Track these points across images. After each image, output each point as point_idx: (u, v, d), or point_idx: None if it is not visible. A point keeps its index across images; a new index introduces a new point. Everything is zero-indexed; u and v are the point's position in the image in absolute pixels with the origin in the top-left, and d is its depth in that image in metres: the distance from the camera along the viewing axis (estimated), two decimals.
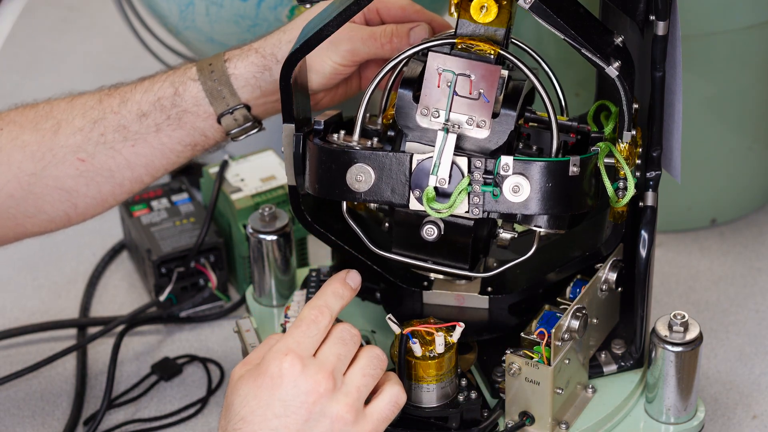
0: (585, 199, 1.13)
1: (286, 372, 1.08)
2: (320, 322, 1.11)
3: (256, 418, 1.07)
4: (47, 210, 1.26)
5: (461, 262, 1.18)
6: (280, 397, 1.07)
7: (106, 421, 1.36)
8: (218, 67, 1.25)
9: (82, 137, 1.25)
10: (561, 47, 1.13)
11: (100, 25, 2.08)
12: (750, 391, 1.36)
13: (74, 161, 1.25)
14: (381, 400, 1.11)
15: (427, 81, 1.12)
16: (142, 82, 1.27)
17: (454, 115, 1.12)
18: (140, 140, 1.25)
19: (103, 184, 1.26)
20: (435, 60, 1.12)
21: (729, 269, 1.53)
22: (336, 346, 1.11)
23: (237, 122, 1.25)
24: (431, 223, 1.14)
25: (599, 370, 1.26)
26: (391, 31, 1.24)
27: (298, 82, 1.17)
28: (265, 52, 1.25)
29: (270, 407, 1.07)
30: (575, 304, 1.18)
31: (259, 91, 1.25)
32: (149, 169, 1.27)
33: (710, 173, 1.54)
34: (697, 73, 1.45)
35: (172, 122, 1.25)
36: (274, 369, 1.08)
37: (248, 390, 1.08)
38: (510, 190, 1.11)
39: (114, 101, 1.26)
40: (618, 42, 1.14)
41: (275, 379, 1.08)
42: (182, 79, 1.26)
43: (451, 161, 1.11)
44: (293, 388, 1.07)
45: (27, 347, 1.47)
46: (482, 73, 1.11)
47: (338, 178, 1.13)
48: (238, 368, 1.12)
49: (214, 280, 1.48)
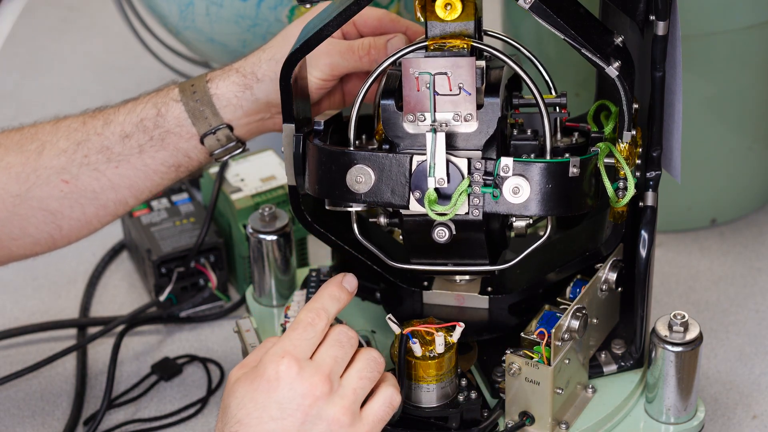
0: (585, 199, 1.13)
1: (283, 375, 1.08)
2: (317, 324, 1.11)
3: (252, 420, 1.07)
4: (32, 232, 1.27)
5: (481, 258, 1.18)
6: (277, 400, 1.07)
7: (106, 421, 1.36)
8: (200, 87, 1.26)
9: (66, 159, 1.25)
10: (561, 47, 1.13)
11: (100, 25, 2.08)
12: (750, 391, 1.36)
13: (58, 182, 1.25)
14: (376, 402, 1.11)
15: (406, 88, 1.12)
16: (126, 104, 1.28)
17: (439, 114, 1.12)
18: (123, 161, 1.25)
19: (87, 205, 1.26)
20: (410, 65, 1.11)
21: (729, 269, 1.53)
22: (333, 348, 1.11)
23: (220, 142, 1.25)
24: (441, 225, 1.14)
25: (599, 370, 1.26)
26: (368, 43, 1.25)
27: (298, 83, 1.18)
28: (245, 72, 1.26)
29: (266, 410, 1.07)
30: (575, 304, 1.18)
31: (241, 110, 1.26)
32: (133, 190, 1.27)
33: (710, 173, 1.54)
34: (697, 73, 1.45)
35: (155, 143, 1.25)
36: (270, 372, 1.08)
37: (245, 392, 1.08)
38: (510, 191, 1.11)
39: (97, 123, 1.26)
40: (618, 42, 1.14)
41: (272, 382, 1.08)
42: (165, 100, 1.26)
43: (445, 160, 1.11)
44: (290, 390, 1.07)
45: (27, 347, 1.47)
46: (457, 67, 1.11)
47: (338, 179, 1.13)
48: (235, 371, 1.12)
49: (214, 280, 1.48)
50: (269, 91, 1.25)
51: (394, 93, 1.14)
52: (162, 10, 1.66)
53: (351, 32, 1.28)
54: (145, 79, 1.93)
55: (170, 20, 1.66)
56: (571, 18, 1.10)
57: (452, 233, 1.14)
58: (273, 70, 1.24)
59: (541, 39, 1.55)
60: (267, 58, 1.25)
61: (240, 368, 1.12)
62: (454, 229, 1.14)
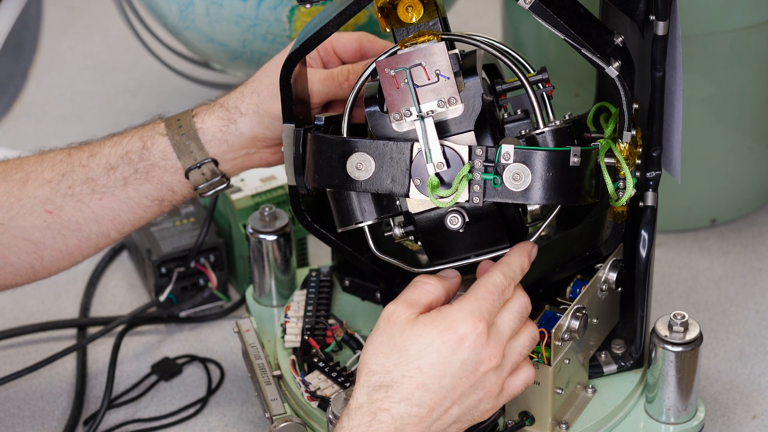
0: (585, 191, 1.13)
1: (475, 339, 1.09)
2: (506, 294, 1.13)
3: (433, 372, 1.08)
4: (13, 262, 1.26)
5: (502, 244, 1.17)
6: (462, 359, 1.08)
7: (106, 421, 1.36)
8: (186, 122, 1.26)
9: (50, 189, 1.25)
10: (561, 47, 1.14)
11: (100, 25, 2.08)
12: (750, 391, 1.36)
13: (42, 213, 1.25)
14: (518, 378, 1.13)
15: (385, 88, 1.12)
16: (112, 137, 1.28)
17: (424, 105, 1.11)
18: (108, 193, 1.25)
19: (69, 237, 1.26)
20: (384, 65, 1.12)
21: (729, 269, 1.53)
22: (514, 320, 1.12)
23: (204, 177, 1.25)
24: (453, 212, 1.13)
25: (599, 370, 1.26)
26: (347, 69, 1.26)
27: (298, 86, 1.18)
28: (228, 106, 1.26)
29: (449, 366, 1.08)
30: (575, 304, 1.18)
31: (226, 145, 1.26)
32: (116, 223, 1.27)
33: (710, 173, 1.54)
34: (697, 73, 1.45)
35: (139, 176, 1.25)
36: (465, 330, 1.09)
37: (431, 340, 1.09)
38: (510, 179, 1.11)
39: (83, 154, 1.26)
40: (618, 42, 1.14)
41: (462, 342, 1.09)
42: (151, 134, 1.26)
43: (439, 144, 1.11)
44: (475, 355, 1.09)
45: (27, 347, 1.47)
46: (430, 55, 1.11)
47: (338, 168, 1.13)
48: (402, 308, 1.11)
49: (214, 280, 1.48)
50: (253, 125, 1.25)
51: (376, 99, 1.14)
52: (162, 10, 1.66)
53: (331, 60, 1.29)
54: (145, 79, 1.93)
55: (170, 20, 1.66)
56: (571, 18, 1.10)
57: (465, 220, 1.13)
58: (255, 103, 1.24)
59: (541, 39, 1.55)
60: (249, 91, 1.25)
61: (408, 307, 1.11)
62: (467, 216, 1.13)
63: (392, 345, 1.09)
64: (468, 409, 1.10)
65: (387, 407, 1.07)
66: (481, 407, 1.11)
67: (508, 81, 1.18)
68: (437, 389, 1.08)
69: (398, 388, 1.08)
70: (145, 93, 1.90)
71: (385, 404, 1.07)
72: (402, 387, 1.08)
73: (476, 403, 1.10)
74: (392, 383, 1.08)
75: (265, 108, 1.24)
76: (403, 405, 1.07)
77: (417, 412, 1.07)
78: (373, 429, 1.06)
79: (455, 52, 1.14)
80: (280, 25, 1.60)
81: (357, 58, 1.28)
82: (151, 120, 1.29)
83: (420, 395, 1.07)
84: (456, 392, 1.09)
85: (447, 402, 1.09)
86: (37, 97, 1.92)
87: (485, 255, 1.17)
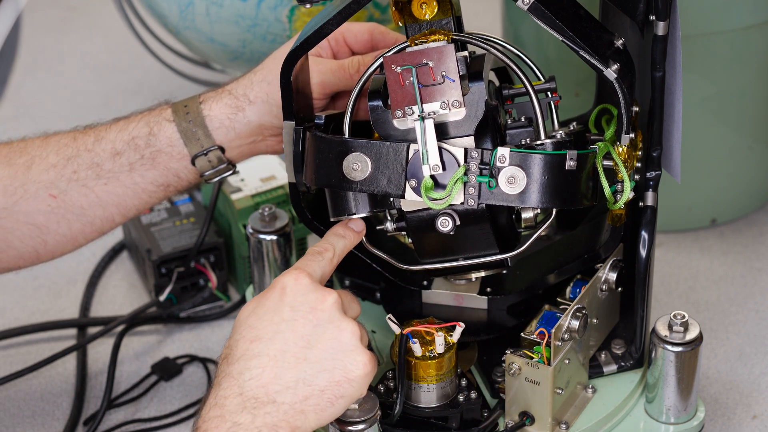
0: (581, 194, 1.13)
1: (294, 283, 1.10)
2: (324, 254, 1.14)
3: (262, 323, 1.08)
4: (16, 245, 1.26)
5: (490, 249, 1.17)
6: (289, 303, 1.09)
7: (106, 421, 1.36)
8: (193, 108, 1.26)
9: (55, 174, 1.25)
10: (561, 47, 1.13)
11: (100, 25, 2.08)
12: (750, 391, 1.36)
13: (46, 197, 1.25)
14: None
15: (390, 85, 1.12)
16: (117, 122, 1.27)
17: (427, 105, 1.11)
18: (113, 179, 1.25)
19: (73, 221, 1.26)
20: (391, 62, 1.12)
21: (729, 269, 1.53)
22: (341, 294, 1.12)
23: (211, 164, 1.25)
24: (445, 215, 1.13)
25: (599, 370, 1.26)
26: (358, 61, 1.26)
27: (299, 82, 1.17)
28: (237, 94, 1.26)
29: (278, 312, 1.09)
30: (575, 304, 1.18)
31: (233, 132, 1.26)
32: (120, 208, 1.27)
33: (710, 173, 1.54)
34: (697, 73, 1.45)
35: (145, 162, 1.25)
36: (283, 281, 1.10)
37: (255, 304, 1.10)
38: (505, 182, 1.10)
39: (88, 139, 1.26)
40: (618, 44, 1.14)
41: (284, 289, 1.10)
42: (157, 120, 1.26)
43: (437, 146, 1.11)
44: (302, 296, 1.09)
45: (27, 347, 1.47)
46: (438, 56, 1.11)
47: (335, 168, 1.13)
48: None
49: (214, 280, 1.48)
50: (261, 114, 1.25)
51: (380, 94, 1.14)
52: (162, 10, 1.66)
53: (341, 50, 1.29)
54: (145, 79, 1.93)
55: (170, 20, 1.66)
56: (571, 20, 1.10)
57: (456, 223, 1.13)
58: (265, 92, 1.24)
59: (541, 39, 1.55)
60: (259, 80, 1.25)
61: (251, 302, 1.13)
62: (458, 220, 1.13)
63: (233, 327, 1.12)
64: (324, 353, 1.08)
65: (228, 372, 1.08)
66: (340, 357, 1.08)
67: (516, 86, 1.18)
68: (272, 336, 1.08)
69: (234, 351, 1.09)
70: (145, 93, 1.90)
71: (222, 368, 1.08)
72: (237, 348, 1.08)
73: (332, 350, 1.08)
74: (230, 349, 1.09)
75: (275, 97, 1.23)
76: (240, 362, 1.07)
77: (257, 363, 1.07)
78: (221, 395, 1.06)
79: (464, 54, 1.14)
80: (280, 25, 1.60)
81: (368, 49, 1.28)
82: (158, 105, 1.28)
83: (255, 347, 1.08)
84: (297, 334, 1.08)
85: (294, 347, 1.08)
86: (38, 97, 1.92)
87: (474, 258, 1.17)
